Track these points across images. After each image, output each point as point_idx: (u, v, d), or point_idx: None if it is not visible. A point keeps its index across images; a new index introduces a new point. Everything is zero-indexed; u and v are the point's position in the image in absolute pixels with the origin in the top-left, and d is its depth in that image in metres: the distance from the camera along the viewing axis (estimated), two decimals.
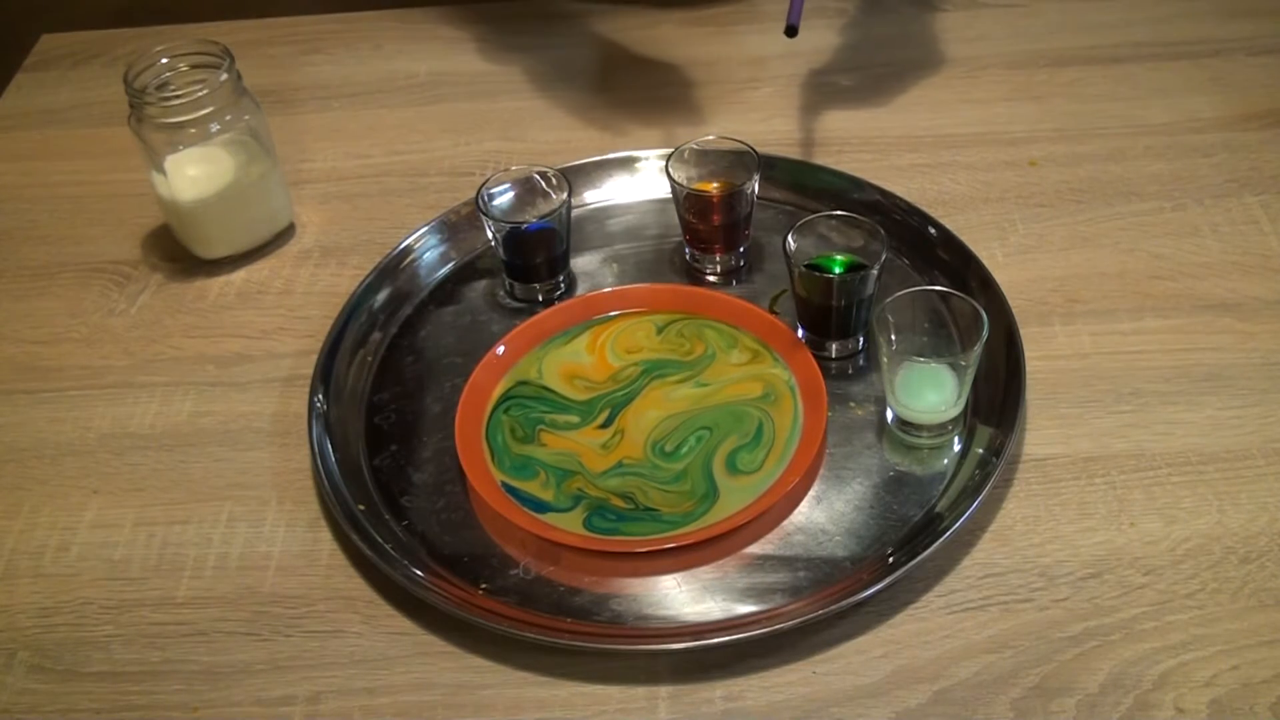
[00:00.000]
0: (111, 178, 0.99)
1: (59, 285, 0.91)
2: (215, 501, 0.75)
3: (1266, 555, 0.67)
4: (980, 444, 0.73)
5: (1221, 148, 0.93)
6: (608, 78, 1.06)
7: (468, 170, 0.97)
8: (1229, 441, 0.73)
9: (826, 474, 0.73)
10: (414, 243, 0.88)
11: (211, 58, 0.86)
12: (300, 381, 0.80)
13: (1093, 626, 0.64)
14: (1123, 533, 0.69)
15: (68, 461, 0.78)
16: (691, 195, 0.84)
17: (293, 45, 1.14)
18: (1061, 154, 0.94)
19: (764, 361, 0.78)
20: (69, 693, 0.66)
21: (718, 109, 1.01)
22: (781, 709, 0.63)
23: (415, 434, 0.77)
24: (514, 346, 0.80)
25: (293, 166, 0.98)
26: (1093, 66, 1.02)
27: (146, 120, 0.84)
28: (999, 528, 0.69)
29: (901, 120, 0.99)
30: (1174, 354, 0.78)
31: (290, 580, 0.70)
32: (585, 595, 0.68)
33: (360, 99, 1.07)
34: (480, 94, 1.06)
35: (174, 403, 0.81)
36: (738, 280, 0.86)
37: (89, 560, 0.72)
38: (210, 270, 0.90)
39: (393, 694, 0.65)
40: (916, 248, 0.85)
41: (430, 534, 0.72)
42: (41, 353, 0.85)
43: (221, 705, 0.65)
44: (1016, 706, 0.62)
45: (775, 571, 0.68)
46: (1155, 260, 0.84)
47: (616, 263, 0.88)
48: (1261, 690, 0.61)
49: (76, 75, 1.13)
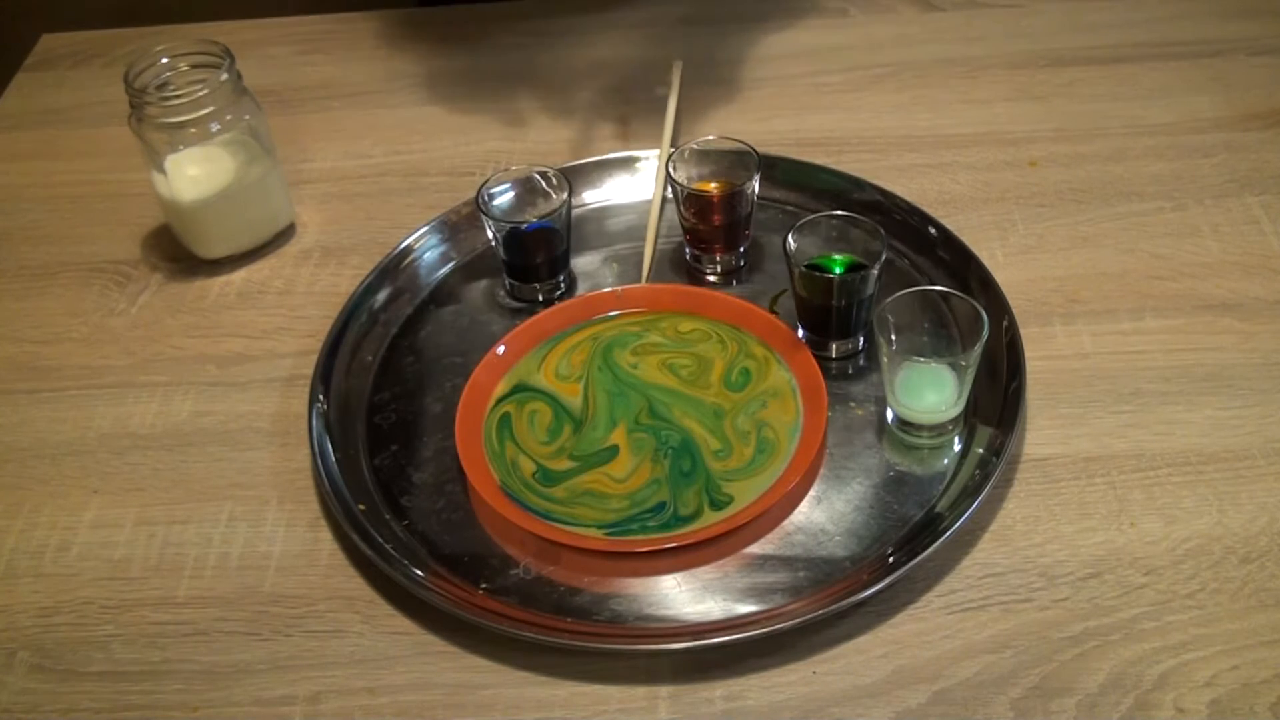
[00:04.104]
0: (111, 178, 1.00)
1: (59, 285, 0.91)
2: (215, 501, 0.75)
3: (1266, 555, 0.67)
4: (980, 444, 0.73)
5: (1222, 148, 0.93)
6: (608, 78, 1.06)
7: (468, 170, 0.97)
8: (1229, 441, 0.73)
9: (826, 474, 0.73)
10: (414, 243, 0.88)
11: (212, 58, 0.86)
12: (300, 381, 0.80)
13: (1093, 626, 0.64)
14: (1123, 533, 0.69)
15: (68, 461, 0.78)
16: (691, 195, 0.84)
17: (293, 45, 1.14)
18: (1062, 154, 0.94)
19: (764, 361, 0.78)
20: (69, 693, 0.66)
21: (718, 109, 1.01)
22: (781, 709, 0.63)
23: (415, 434, 0.77)
24: (514, 346, 0.80)
25: (293, 166, 0.98)
26: (1093, 66, 1.02)
27: (147, 120, 0.84)
28: (999, 528, 0.69)
29: (901, 120, 0.99)
30: (1174, 354, 0.78)
31: (290, 580, 0.70)
32: (585, 595, 0.68)
33: (360, 99, 1.07)
34: (480, 94, 1.06)
35: (174, 403, 0.81)
36: (738, 280, 0.86)
37: (89, 560, 0.72)
38: (210, 270, 0.90)
39: (393, 694, 0.65)
40: (916, 248, 0.85)
41: (430, 534, 0.72)
42: (41, 353, 0.85)
43: (221, 705, 0.65)
44: (1016, 706, 0.62)
45: (775, 571, 0.68)
46: (1155, 260, 0.84)
47: (616, 263, 0.88)
48: (1261, 690, 0.61)
49: (76, 75, 1.13)
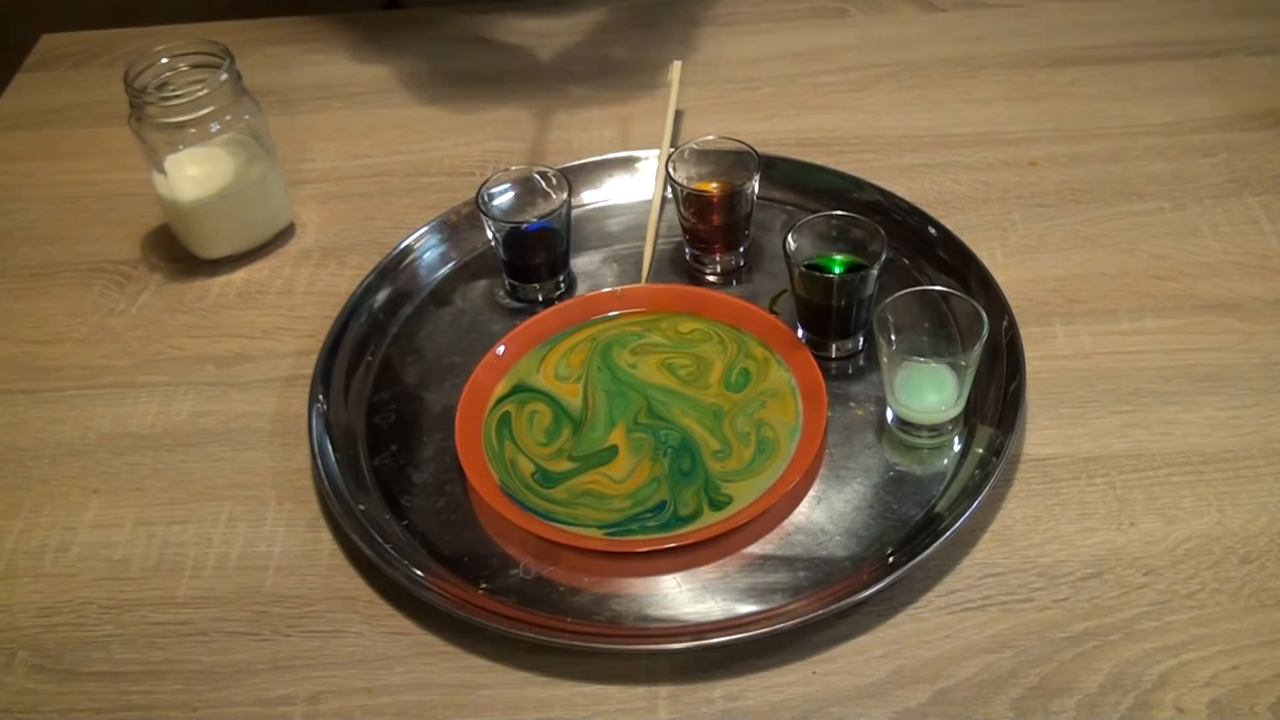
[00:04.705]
0: (111, 178, 1.00)
1: (59, 285, 0.91)
2: (215, 501, 0.75)
3: (1266, 555, 0.67)
4: (980, 444, 0.73)
5: (1222, 148, 0.93)
6: (608, 77, 1.06)
7: (468, 170, 0.97)
8: (1229, 441, 0.73)
9: (826, 474, 0.73)
10: (414, 243, 0.88)
11: (212, 58, 0.86)
12: (300, 381, 0.80)
13: (1093, 626, 0.64)
14: (1123, 533, 0.69)
15: (68, 461, 0.78)
16: (691, 195, 0.84)
17: (293, 45, 1.14)
18: (1061, 154, 0.94)
19: (764, 362, 0.78)
20: (69, 693, 0.66)
21: (718, 109, 1.01)
22: (781, 709, 0.63)
23: (415, 434, 0.77)
24: (514, 346, 0.80)
25: (293, 166, 0.98)
26: (1093, 66, 1.02)
27: (147, 120, 0.84)
28: (999, 528, 0.69)
29: (901, 120, 0.99)
30: (1174, 354, 0.78)
31: (290, 580, 0.70)
32: (585, 595, 0.68)
33: (360, 99, 1.07)
34: (480, 94, 1.06)
35: (174, 403, 0.81)
36: (738, 280, 0.86)
37: (89, 560, 0.72)
38: (210, 270, 0.90)
39: (393, 694, 0.65)
40: (916, 248, 0.85)
41: (430, 534, 0.72)
42: (41, 353, 0.85)
43: (221, 705, 0.65)
44: (1016, 706, 0.62)
45: (775, 571, 0.68)
46: (1155, 260, 0.84)
47: (616, 263, 0.88)
48: (1261, 690, 0.61)
49: (76, 75, 1.13)
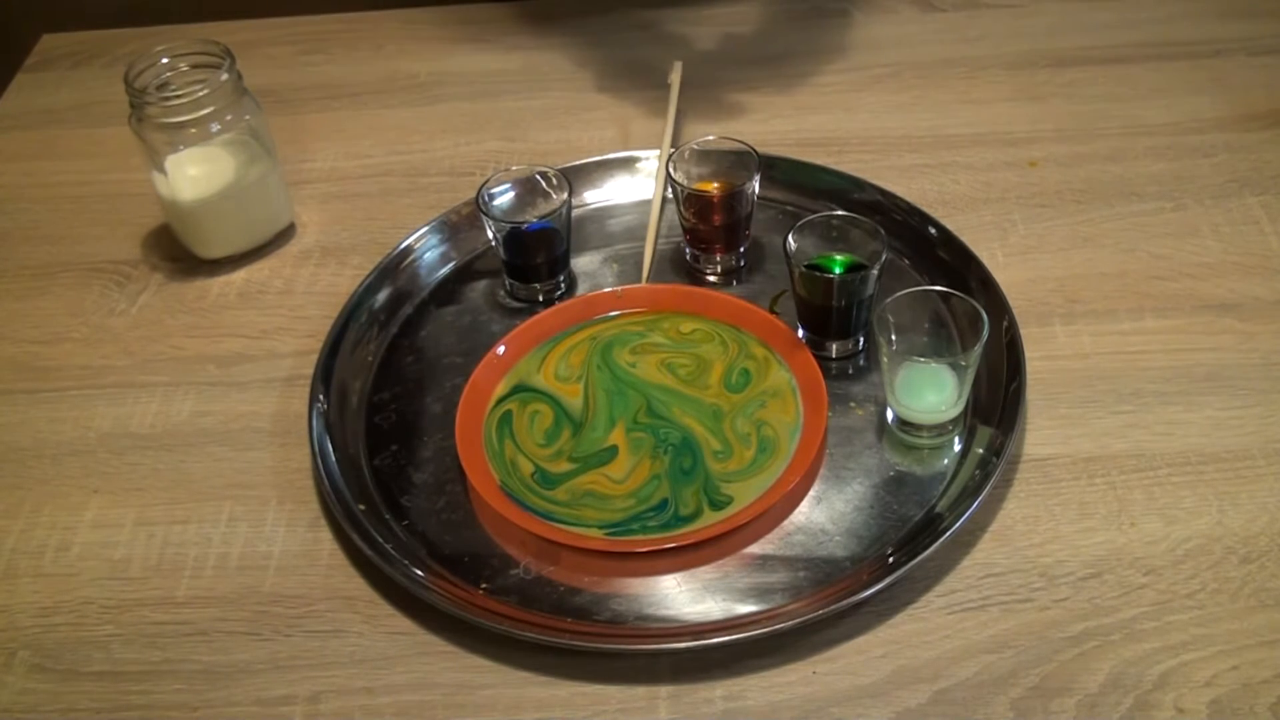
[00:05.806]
0: (111, 178, 1.00)
1: (59, 285, 0.91)
2: (215, 501, 0.75)
3: (1266, 555, 0.67)
4: (980, 444, 0.73)
5: (1222, 148, 0.93)
6: (608, 78, 1.06)
7: (468, 170, 0.97)
8: (1229, 441, 0.73)
9: (826, 474, 0.73)
10: (414, 243, 0.88)
11: (212, 58, 0.86)
12: (300, 381, 0.80)
13: (1093, 626, 0.64)
14: (1123, 533, 0.69)
15: (68, 461, 0.78)
16: (691, 195, 0.84)
17: (293, 45, 1.14)
18: (1061, 154, 0.94)
19: (764, 362, 0.78)
20: (69, 692, 0.66)
21: (718, 109, 1.01)
22: (781, 709, 0.63)
23: (415, 434, 0.77)
24: (514, 346, 0.80)
25: (293, 166, 0.98)
26: (1093, 66, 1.02)
27: (147, 120, 0.84)
28: (999, 528, 0.69)
29: (901, 120, 0.99)
30: (1174, 354, 0.78)
31: (290, 580, 0.70)
32: (585, 595, 0.68)
33: (360, 99, 1.07)
34: (480, 94, 1.06)
35: (174, 403, 0.81)
36: (738, 280, 0.86)
37: (89, 560, 0.72)
38: (210, 270, 0.90)
39: (393, 694, 0.65)
40: (916, 248, 0.85)
41: (430, 534, 0.72)
42: (41, 353, 0.85)
43: (221, 705, 0.65)
44: (1016, 706, 0.62)
45: (775, 571, 0.68)
46: (1155, 260, 0.84)
47: (616, 263, 0.88)
48: (1261, 690, 0.61)
49: (76, 75, 1.13)
